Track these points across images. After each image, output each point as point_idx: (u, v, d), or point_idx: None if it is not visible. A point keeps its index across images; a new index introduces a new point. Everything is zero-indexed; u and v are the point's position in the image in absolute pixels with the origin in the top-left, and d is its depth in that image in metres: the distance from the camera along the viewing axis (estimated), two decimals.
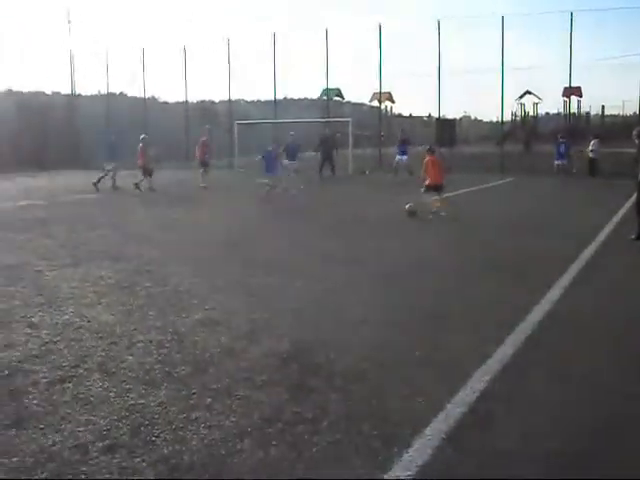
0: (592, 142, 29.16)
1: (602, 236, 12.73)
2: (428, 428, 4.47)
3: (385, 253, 11.31)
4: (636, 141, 12.25)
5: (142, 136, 26.24)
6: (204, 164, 26.13)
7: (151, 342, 6.35)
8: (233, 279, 9.17)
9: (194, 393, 5.09)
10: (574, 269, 9.66)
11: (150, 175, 24.15)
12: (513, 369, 5.65)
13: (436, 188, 16.24)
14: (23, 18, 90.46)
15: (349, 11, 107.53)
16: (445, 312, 7.47)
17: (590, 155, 28.92)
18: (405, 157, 28.71)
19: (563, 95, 43.78)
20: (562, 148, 28.32)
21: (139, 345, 6.27)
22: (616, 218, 15.31)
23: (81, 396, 5.05)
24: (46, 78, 69.69)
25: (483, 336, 6.52)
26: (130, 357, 5.94)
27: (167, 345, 6.27)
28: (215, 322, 7.00)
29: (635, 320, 7.29)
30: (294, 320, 7.12)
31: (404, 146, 29.12)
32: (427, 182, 16.30)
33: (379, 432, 4.44)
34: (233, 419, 4.64)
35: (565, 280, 8.96)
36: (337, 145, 31.30)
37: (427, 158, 16.54)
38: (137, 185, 23.80)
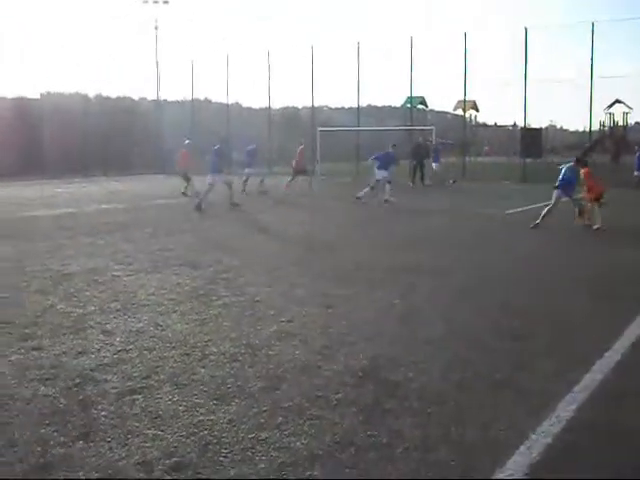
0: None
1: None
2: (510, 461, 4.18)
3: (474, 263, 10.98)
4: None
5: (186, 141, 26.21)
6: (301, 172, 27.14)
7: (224, 354, 6.21)
8: (313, 289, 8.99)
9: (265, 411, 4.91)
10: None
11: (188, 180, 24.37)
12: (601, 396, 5.29)
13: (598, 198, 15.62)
14: (112, 25, 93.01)
15: (434, 19, 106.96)
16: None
17: None
18: (436, 164, 30.61)
19: None
20: None
21: (212, 357, 6.14)
22: None
23: (150, 409, 4.92)
24: (133, 84, 71.27)
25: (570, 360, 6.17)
26: (202, 369, 5.81)
27: (240, 358, 6.11)
28: (291, 335, 6.82)
29: None
30: (371, 335, 6.88)
31: (436, 154, 30.83)
32: (590, 195, 15.66)
33: (457, 462, 4.17)
34: (304, 441, 4.43)
35: None
36: (430, 153, 31.14)
37: (583, 170, 15.84)
38: (184, 193, 24.29)
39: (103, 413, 4.86)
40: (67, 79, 63.61)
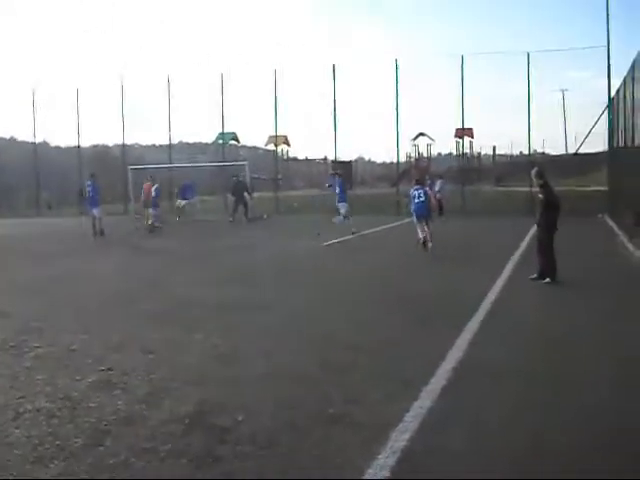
0: (437, 182, 29.21)
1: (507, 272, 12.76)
2: None
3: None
4: (535, 180, 12.32)
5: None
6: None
7: (40, 411, 5.79)
8: (130, 333, 8.64)
9: (88, 470, 4.58)
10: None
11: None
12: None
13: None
14: None
15: (246, 54, 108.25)
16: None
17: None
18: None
19: (455, 135, 44.93)
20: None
21: (26, 415, 5.69)
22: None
23: None
24: None
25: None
26: (16, 430, 5.37)
27: (58, 414, 5.72)
28: (113, 384, 6.49)
29: None
30: (194, 379, 6.67)
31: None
32: None
33: None
34: None
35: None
36: (247, 188, 31.29)
37: None
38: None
39: None
40: None
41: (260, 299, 10.98)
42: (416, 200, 17.67)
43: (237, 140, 52.60)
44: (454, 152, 56.16)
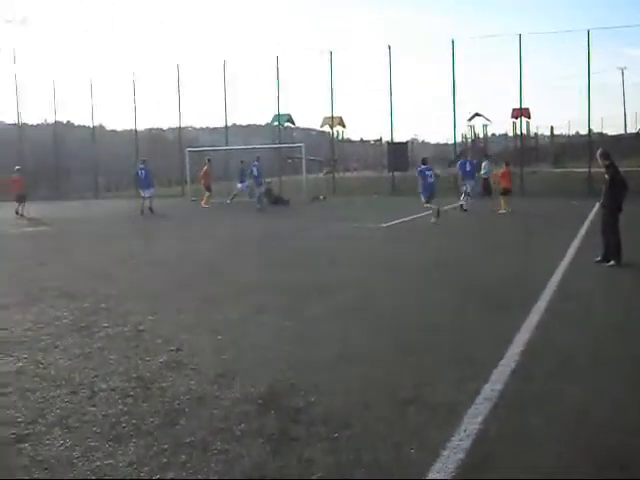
0: (483, 163, 28.59)
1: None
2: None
3: None
4: (600, 161, 12.05)
5: (16, 168, 29.61)
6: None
7: (114, 390, 5.86)
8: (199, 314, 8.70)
9: (166, 449, 4.61)
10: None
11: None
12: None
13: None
14: None
15: (300, 37, 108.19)
16: None
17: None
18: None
19: (512, 116, 44.26)
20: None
21: (102, 395, 5.77)
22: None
23: (40, 458, 4.52)
24: None
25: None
26: (93, 409, 5.44)
27: (132, 393, 5.78)
28: (184, 364, 6.54)
29: None
30: (264, 360, 6.68)
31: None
32: None
33: None
34: (213, 478, 4.18)
35: None
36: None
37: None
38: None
39: None
40: None
41: (327, 280, 10.95)
42: (428, 180, 19.96)
43: (292, 122, 52.69)
44: (510, 133, 55.47)
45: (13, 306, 9.45)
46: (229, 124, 42.05)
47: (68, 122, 48.24)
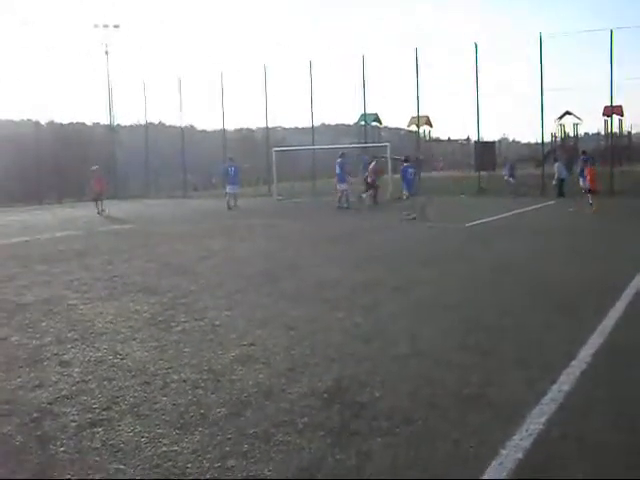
0: (555, 165, 27.98)
1: None
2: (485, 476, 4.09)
3: None
4: None
5: (94, 168, 29.59)
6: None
7: (185, 382, 6.07)
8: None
9: (230, 438, 4.77)
10: None
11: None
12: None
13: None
14: (62, 49, 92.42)
15: (386, 37, 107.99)
16: None
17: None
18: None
19: (603, 114, 43.18)
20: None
21: (173, 385, 5.99)
22: None
23: (111, 442, 4.76)
24: (86, 109, 71.01)
25: None
26: (164, 398, 5.65)
27: (202, 385, 5.97)
28: (255, 359, 6.70)
29: None
30: (335, 356, 6.78)
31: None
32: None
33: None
34: (272, 468, 4.31)
35: None
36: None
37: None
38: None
39: (62, 449, 4.68)
40: (18, 106, 62.84)
41: (400, 280, 10.99)
42: (409, 177, 22.67)
43: (379, 121, 52.74)
44: (602, 131, 54.08)
45: (97, 300, 9.83)
46: (317, 124, 42.32)
47: (160, 123, 49.30)
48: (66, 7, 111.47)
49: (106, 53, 48.95)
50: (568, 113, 51.28)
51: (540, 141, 37.56)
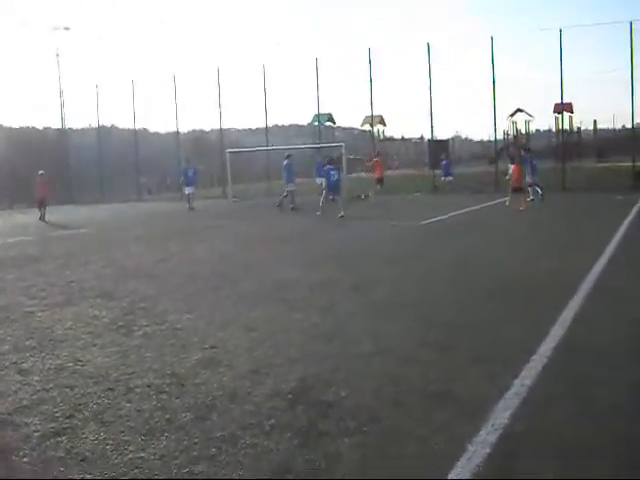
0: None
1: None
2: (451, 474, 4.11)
3: None
4: None
5: (40, 172, 29.32)
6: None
7: (149, 386, 6.00)
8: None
9: (196, 443, 4.73)
10: None
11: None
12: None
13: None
14: (13, 52, 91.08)
15: (338, 37, 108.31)
16: None
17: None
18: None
19: (554, 111, 43.80)
20: None
21: (137, 390, 5.92)
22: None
23: (76, 451, 4.68)
24: (37, 113, 70.03)
25: None
26: (128, 404, 5.58)
27: (166, 389, 5.91)
28: (218, 362, 6.66)
29: None
30: (296, 357, 6.77)
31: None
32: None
33: None
34: (241, 472, 4.28)
35: None
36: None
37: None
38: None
39: (25, 459, 4.59)
40: None
41: (358, 279, 11.01)
42: (332, 179, 23.63)
43: (333, 121, 52.84)
44: (553, 128, 54.86)
45: (55, 306, 9.69)
46: (270, 125, 42.31)
47: (112, 126, 48.83)
48: (17, 9, 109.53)
49: (57, 56, 48.33)
50: (520, 110, 51.96)
51: (493, 138, 37.98)
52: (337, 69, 54.93)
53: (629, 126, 36.17)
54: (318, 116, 41.86)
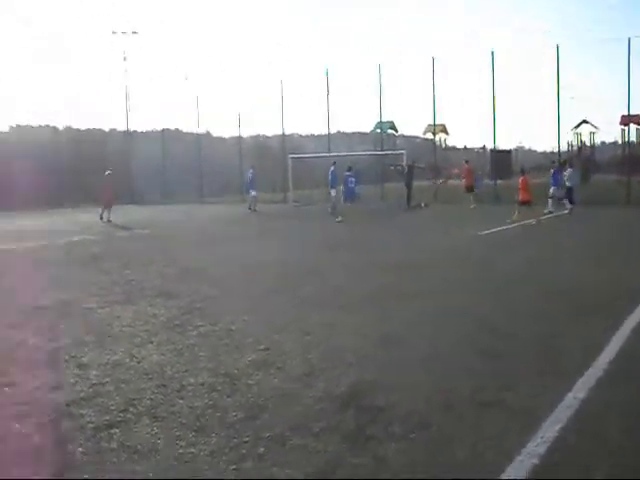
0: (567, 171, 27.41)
1: None
2: None
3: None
4: None
5: (107, 172, 29.05)
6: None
7: (202, 385, 6.10)
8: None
9: (246, 441, 4.79)
10: None
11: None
12: None
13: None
14: (81, 57, 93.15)
15: (404, 44, 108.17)
16: None
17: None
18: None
19: (621, 123, 43.00)
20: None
21: (190, 388, 6.02)
22: None
23: (128, 443, 4.79)
24: (104, 115, 71.52)
25: None
26: (180, 401, 5.69)
27: (219, 388, 6.00)
28: (271, 363, 6.72)
29: None
30: (351, 361, 6.79)
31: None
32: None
33: None
34: (287, 471, 4.33)
35: None
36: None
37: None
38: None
39: (80, 449, 4.72)
40: (36, 112, 63.29)
41: (416, 286, 11.00)
42: (349, 185, 25.82)
43: (395, 129, 52.80)
44: (619, 140, 53.84)
45: (115, 303, 9.89)
46: (333, 131, 42.46)
47: (176, 129, 49.53)
48: (85, 13, 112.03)
49: (124, 59, 49.28)
50: (585, 122, 51.15)
51: (556, 150, 37.46)
52: (401, 76, 54.72)
53: None
54: (380, 123, 41.85)
